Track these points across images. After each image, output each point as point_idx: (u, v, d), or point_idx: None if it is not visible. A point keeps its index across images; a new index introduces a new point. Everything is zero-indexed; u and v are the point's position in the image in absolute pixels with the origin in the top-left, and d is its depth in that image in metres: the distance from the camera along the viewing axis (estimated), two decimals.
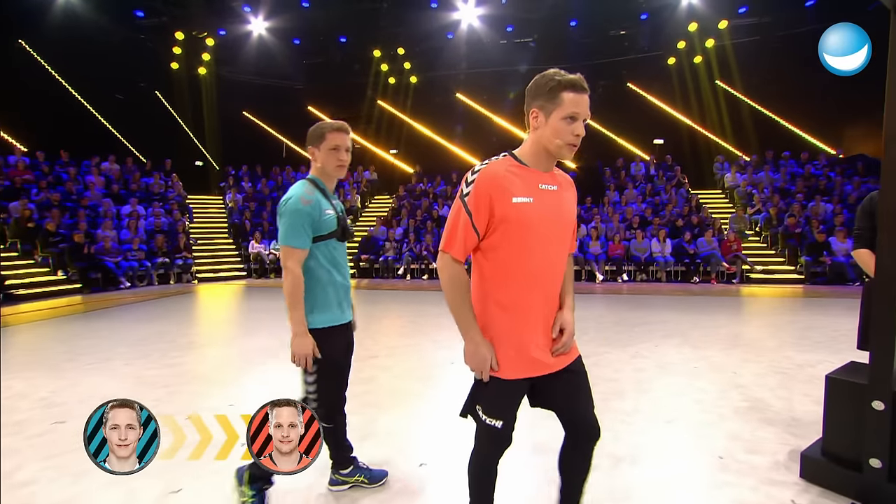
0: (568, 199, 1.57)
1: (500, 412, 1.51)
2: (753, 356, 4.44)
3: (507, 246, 1.46)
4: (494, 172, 1.45)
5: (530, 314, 1.50)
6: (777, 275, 10.63)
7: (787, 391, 3.49)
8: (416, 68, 17.60)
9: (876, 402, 2.04)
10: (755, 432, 2.80)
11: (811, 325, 5.92)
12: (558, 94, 1.42)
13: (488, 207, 1.43)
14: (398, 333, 5.76)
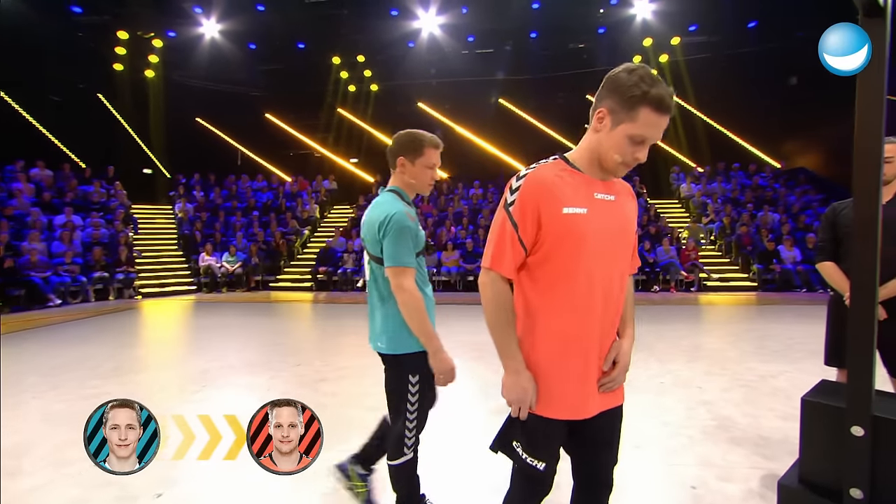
0: (629, 211, 1.36)
1: (542, 453, 1.31)
2: (717, 368, 4.37)
3: (556, 264, 1.26)
4: (543, 177, 1.25)
5: (582, 344, 1.28)
6: (732, 282, 10.90)
7: (752, 406, 3.40)
8: (377, 77, 17.34)
9: (855, 428, 1.90)
10: (726, 456, 2.66)
11: (767, 334, 5.97)
12: (637, 108, 1.20)
13: (536, 218, 1.23)
14: (352, 352, 5.42)
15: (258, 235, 12.46)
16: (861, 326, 1.89)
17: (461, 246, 11.70)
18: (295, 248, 13.22)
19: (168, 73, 15.70)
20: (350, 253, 11.55)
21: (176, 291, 11.11)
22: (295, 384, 4.09)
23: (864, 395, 1.88)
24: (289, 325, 7.53)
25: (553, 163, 1.30)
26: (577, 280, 1.25)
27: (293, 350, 5.50)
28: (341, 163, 17.79)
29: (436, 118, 17.62)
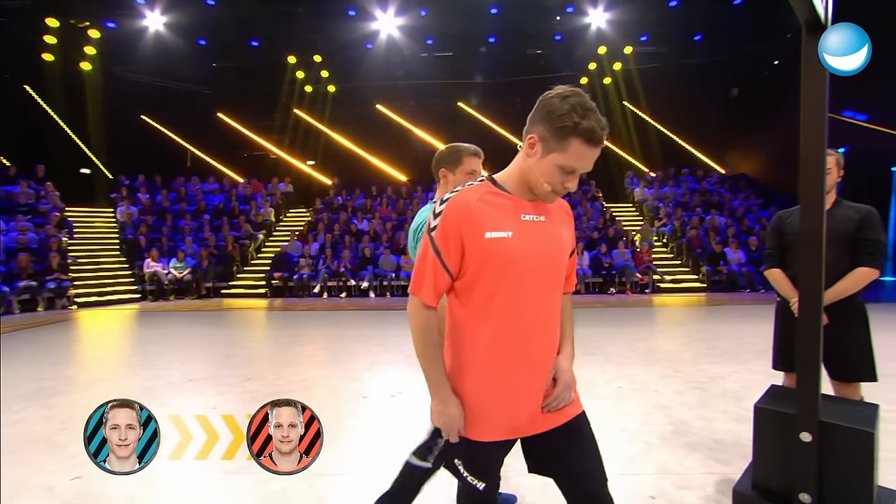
0: (562, 231, 1.33)
1: (480, 473, 1.31)
2: (672, 371, 4.47)
3: (481, 288, 1.24)
4: (464, 202, 1.22)
5: (513, 368, 1.26)
6: (683, 283, 11.33)
7: (706, 409, 3.48)
8: (335, 77, 17.02)
9: (803, 434, 1.94)
10: (683, 462, 2.68)
11: (718, 335, 6.20)
12: (568, 138, 1.18)
13: (458, 244, 1.22)
14: (308, 363, 5.22)
15: (209, 240, 11.92)
16: (808, 337, 1.94)
17: None
18: (249, 253, 12.74)
19: (108, 66, 14.76)
20: (306, 258, 11.23)
21: (117, 300, 10.43)
22: (244, 401, 3.86)
23: (812, 402, 1.92)
24: (241, 335, 7.20)
25: (479, 185, 1.28)
26: (505, 304, 1.23)
27: (244, 362, 5.23)
28: (298, 165, 17.33)
29: (395, 121, 17.47)
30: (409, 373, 4.73)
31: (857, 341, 2.34)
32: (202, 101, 16.71)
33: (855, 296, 2.36)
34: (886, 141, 14.31)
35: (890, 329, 6.43)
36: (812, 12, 1.71)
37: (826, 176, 2.36)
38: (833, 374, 2.40)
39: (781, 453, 2.03)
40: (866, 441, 1.84)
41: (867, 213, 2.33)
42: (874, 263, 2.28)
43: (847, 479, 1.89)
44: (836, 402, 2.19)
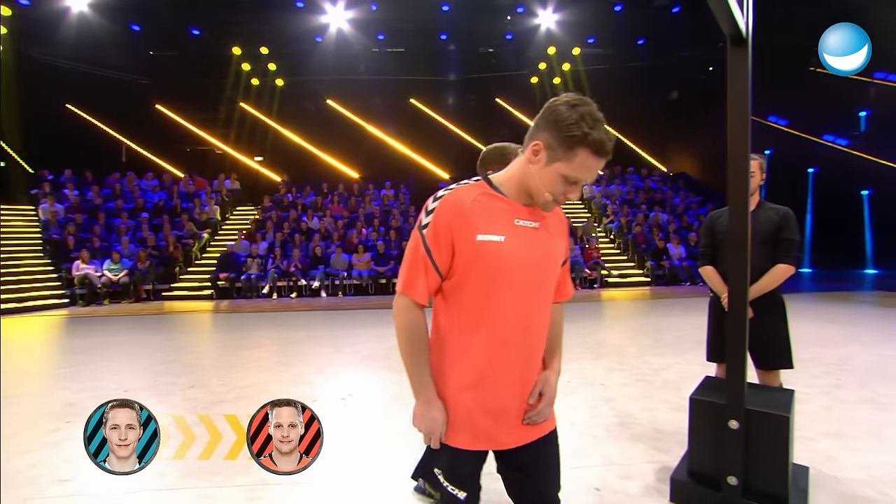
0: (555, 239, 1.31)
1: (461, 482, 1.28)
2: (618, 364, 4.67)
3: (469, 291, 1.21)
4: (459, 201, 1.19)
5: (496, 375, 1.24)
6: (629, 278, 11.84)
7: (649, 401, 3.66)
8: (283, 71, 16.54)
9: (731, 422, 2.08)
10: (626, 452, 2.82)
11: (661, 327, 6.53)
12: (575, 148, 1.15)
13: (449, 243, 1.19)
14: (255, 367, 5.05)
15: (148, 240, 11.28)
16: (735, 332, 2.08)
17: (372, 248, 11.50)
18: (192, 254, 12.16)
19: (23, 48, 13.54)
20: (254, 258, 10.86)
21: (41, 306, 9.68)
22: (185, 409, 3.69)
23: (739, 392, 2.06)
24: (183, 340, 6.87)
25: (475, 185, 1.25)
26: (492, 309, 1.21)
27: (187, 369, 5.00)
28: (245, 161, 16.72)
29: (346, 116, 17.19)
30: (361, 374, 4.70)
31: (776, 333, 2.54)
32: (138, 91, 15.76)
33: (775, 290, 2.56)
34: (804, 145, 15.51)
35: (806, 317, 7.03)
36: (735, 28, 1.83)
37: (753, 179, 2.57)
38: (757, 363, 2.60)
39: (713, 440, 2.18)
40: (783, 425, 2.01)
41: (785, 214, 2.53)
42: (791, 261, 2.48)
43: (767, 460, 2.05)
44: (759, 390, 2.36)
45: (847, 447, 2.83)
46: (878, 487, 2.38)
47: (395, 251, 11.55)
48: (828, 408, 3.49)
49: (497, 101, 18.42)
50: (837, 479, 2.48)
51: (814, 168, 15.71)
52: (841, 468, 2.58)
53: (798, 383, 4.01)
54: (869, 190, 14.72)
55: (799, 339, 2.63)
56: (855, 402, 3.61)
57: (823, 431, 3.05)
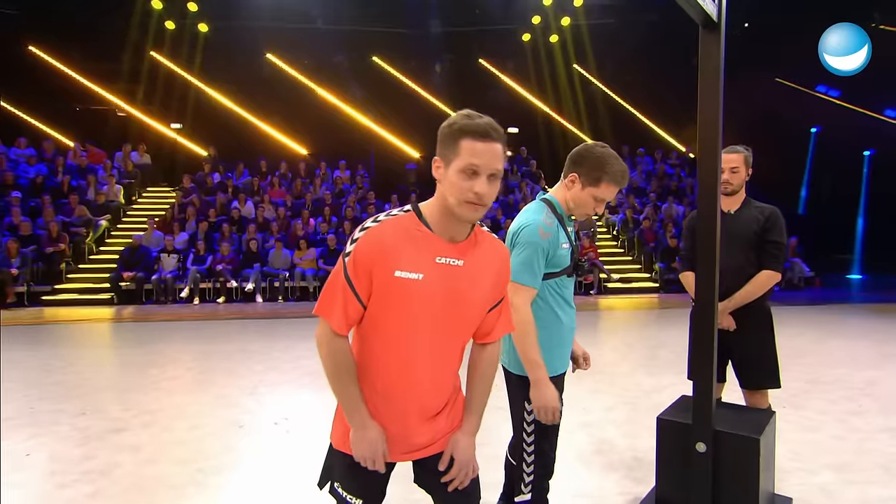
0: (482, 278, 1.56)
1: (359, 491, 1.61)
2: (605, 385, 5.02)
3: (384, 323, 1.50)
4: (381, 236, 1.45)
5: (399, 402, 1.56)
6: (634, 283, 12.31)
7: (632, 426, 3.99)
8: (209, 13, 16.34)
9: (699, 444, 2.39)
10: (600, 483, 3.13)
11: (662, 342, 6.91)
12: (458, 142, 1.42)
13: (368, 275, 1.45)
14: (168, 388, 5.20)
15: (21, 227, 11.14)
16: (702, 345, 2.39)
17: (321, 243, 11.68)
18: (86, 247, 12.09)
19: None
20: (170, 253, 10.91)
21: None
22: (74, 442, 3.83)
23: (706, 411, 2.37)
24: (72, 357, 6.91)
25: (404, 216, 1.51)
26: (402, 341, 1.51)
27: (76, 392, 5.11)
28: (158, 128, 16.59)
29: (291, 76, 17.21)
30: (300, 395, 4.92)
31: (762, 349, 2.88)
32: (1, 25, 14.86)
33: (762, 300, 2.89)
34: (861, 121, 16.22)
35: (837, 332, 7.53)
36: (703, 14, 2.12)
37: (735, 176, 2.90)
38: (741, 382, 2.93)
39: (680, 465, 2.48)
40: (754, 448, 2.32)
41: (771, 214, 2.86)
42: (776, 266, 2.80)
43: (737, 485, 2.36)
44: (734, 411, 2.69)
45: (849, 480, 3.16)
46: None
47: None
48: (839, 437, 3.85)
49: (480, 61, 18.71)
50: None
51: (871, 150, 16.49)
52: (835, 502, 2.92)
53: (813, 409, 4.43)
54: None
55: (824, 358, 2.95)
56: (871, 430, 3.97)
57: (827, 463, 3.40)
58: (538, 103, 18.89)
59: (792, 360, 5.97)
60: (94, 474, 3.30)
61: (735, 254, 2.83)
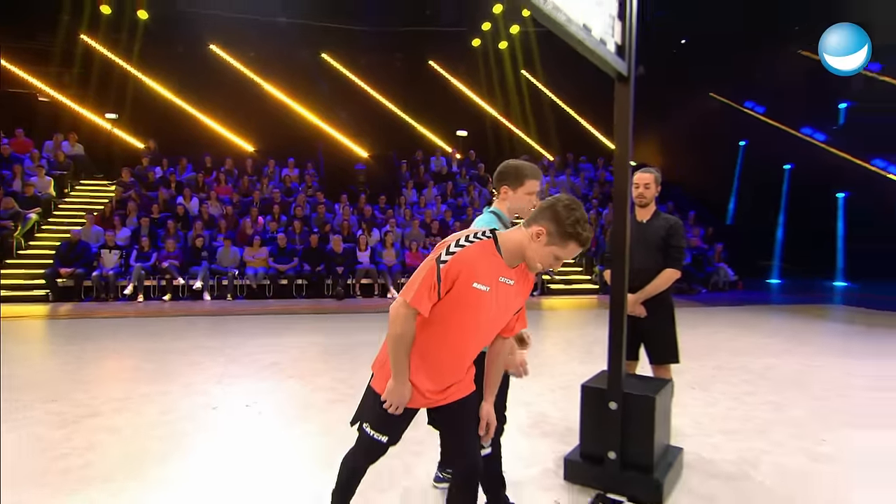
0: (519, 292, 2.27)
1: (388, 429, 2.28)
2: (545, 373, 5.82)
3: (447, 314, 2.12)
4: (470, 257, 2.10)
5: (439, 368, 2.24)
6: (575, 285, 13.30)
7: (565, 403, 4.77)
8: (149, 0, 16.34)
9: (611, 403, 3.16)
10: (535, 447, 3.87)
11: (598, 339, 7.73)
12: (569, 241, 2.11)
13: (452, 282, 2.08)
14: (131, 379, 5.62)
15: None
16: (615, 327, 3.17)
17: (271, 241, 12.04)
18: (14, 241, 11.94)
19: None
20: (111, 249, 11.03)
21: None
22: (52, 425, 4.15)
23: (618, 378, 3.15)
24: (20, 352, 7.08)
25: (486, 242, 2.17)
26: (457, 330, 2.19)
27: (38, 383, 5.41)
28: (91, 118, 16.40)
29: (237, 70, 17.36)
30: (264, 384, 5.45)
31: (665, 331, 3.71)
32: None
33: (666, 294, 3.71)
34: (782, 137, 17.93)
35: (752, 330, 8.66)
36: (615, 70, 2.89)
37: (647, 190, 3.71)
38: (650, 358, 3.75)
39: (598, 422, 3.25)
40: (651, 405, 3.11)
41: (673, 224, 3.69)
42: (677, 266, 3.64)
43: (639, 436, 3.14)
44: (639, 379, 3.49)
45: (731, 439, 4.08)
46: (741, 466, 3.59)
47: (299, 246, 12.17)
48: (732, 409, 4.81)
49: (430, 63, 19.41)
50: (711, 461, 3.67)
51: (791, 164, 18.23)
52: (718, 453, 3.79)
53: (716, 390, 5.40)
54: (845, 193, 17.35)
55: (734, 350, 3.77)
56: (757, 404, 4.96)
57: (719, 429, 4.30)
58: (487, 107, 19.74)
59: (706, 352, 7.01)
60: (80, 450, 3.71)
61: (646, 256, 3.65)
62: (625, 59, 2.97)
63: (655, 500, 3.07)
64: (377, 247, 12.61)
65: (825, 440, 4.12)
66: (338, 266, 11.87)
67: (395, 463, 3.40)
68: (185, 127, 16.75)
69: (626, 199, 3.12)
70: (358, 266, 12.08)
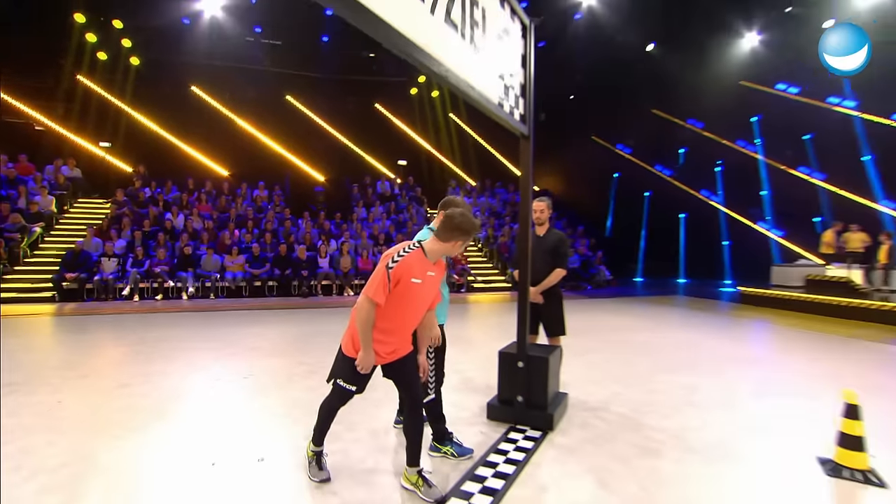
0: (438, 279, 2.74)
1: (356, 382, 2.76)
2: (472, 350, 6.34)
3: (395, 301, 2.58)
4: (410, 263, 2.58)
5: (391, 338, 2.70)
6: (493, 283, 13.98)
7: (487, 371, 5.29)
8: (141, 48, 15.85)
9: (519, 363, 3.71)
10: (464, 400, 4.36)
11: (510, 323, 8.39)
12: (462, 237, 2.63)
13: (397, 279, 2.54)
14: (144, 361, 5.69)
15: None
16: (520, 310, 3.71)
17: (247, 250, 12.01)
18: (20, 250, 11.39)
19: None
20: (110, 257, 10.71)
21: None
22: (96, 391, 4.39)
23: (523, 345, 3.70)
24: (39, 342, 6.96)
25: (417, 251, 2.64)
26: (402, 310, 2.66)
27: (71, 363, 5.46)
28: (87, 146, 15.65)
29: (213, 107, 17.06)
30: (256, 361, 5.67)
31: (556, 314, 4.30)
32: None
33: (557, 287, 4.31)
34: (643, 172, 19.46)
35: (626, 314, 9.53)
36: (519, 131, 3.45)
37: (542, 214, 4.29)
38: (546, 332, 4.33)
39: (510, 376, 3.79)
40: (545, 363, 3.68)
41: (562, 237, 4.30)
42: (563, 266, 4.24)
43: (538, 384, 3.70)
44: (539, 346, 4.06)
45: (599, 386, 4.74)
46: (604, 402, 4.25)
47: (270, 254, 12.19)
48: (600, 367, 5.50)
49: (376, 105, 19.72)
50: (585, 401, 4.30)
51: (649, 192, 19.82)
52: (590, 396, 4.43)
53: (591, 355, 6.05)
54: (685, 214, 19.06)
55: (607, 328, 4.40)
56: (617, 363, 5.73)
57: (591, 380, 4.96)
58: (422, 142, 20.25)
59: (588, 330, 7.76)
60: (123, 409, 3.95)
61: (543, 260, 4.23)
62: (526, 124, 3.53)
63: (549, 427, 3.64)
64: (335, 254, 12.81)
65: (656, 381, 4.90)
66: (302, 270, 11.98)
67: (362, 416, 3.84)
68: (170, 155, 16.27)
69: (528, 220, 3.69)
70: (319, 270, 12.23)
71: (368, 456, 3.24)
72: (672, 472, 3.06)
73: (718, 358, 6.13)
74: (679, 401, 4.40)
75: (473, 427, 3.73)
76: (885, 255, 10.96)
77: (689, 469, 3.11)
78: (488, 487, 2.84)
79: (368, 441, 3.47)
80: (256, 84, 17.23)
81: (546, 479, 2.98)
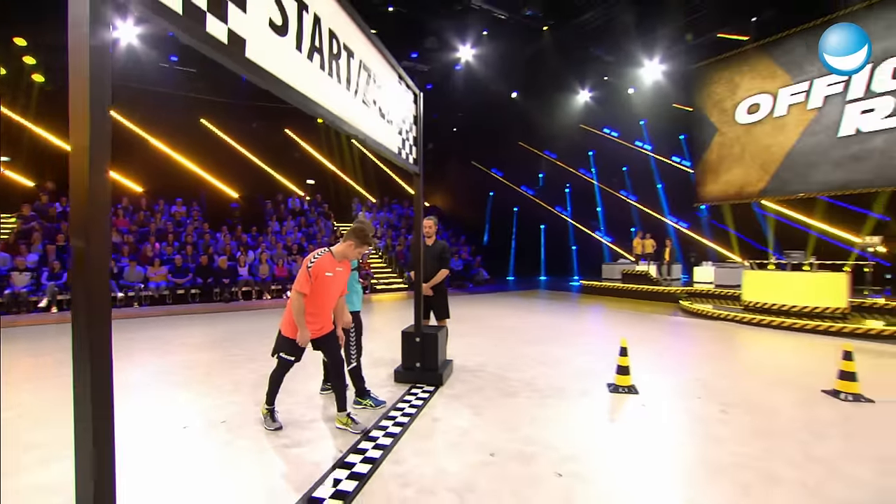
0: (345, 273, 3.36)
1: (294, 353, 3.34)
2: (379, 336, 7.01)
3: (316, 291, 3.22)
4: (323, 262, 3.20)
5: (317, 319, 3.29)
6: (392, 285, 14.67)
7: (393, 351, 6.01)
8: (45, 66, 14.16)
9: (416, 338, 4.51)
10: (376, 371, 5.07)
11: (408, 316, 9.20)
12: (363, 244, 3.24)
13: (316, 275, 3.16)
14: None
15: None
16: (416, 301, 4.53)
17: (169, 261, 11.48)
18: None
19: None
20: (22, 271, 9.66)
21: None
22: None
23: (419, 326, 4.51)
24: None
25: (328, 254, 3.28)
26: (321, 298, 3.30)
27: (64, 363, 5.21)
28: None
29: (125, 126, 15.77)
30: (194, 356, 5.83)
31: (442, 303, 5.15)
32: None
33: (442, 284, 5.17)
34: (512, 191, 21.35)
35: (499, 305, 10.75)
36: (413, 171, 4.27)
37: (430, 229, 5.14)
38: (436, 316, 5.18)
39: (410, 348, 4.58)
40: (435, 339, 4.52)
41: (444, 245, 5.17)
42: (447, 266, 5.12)
43: (430, 354, 4.54)
44: (431, 326, 4.91)
45: (476, 355, 5.72)
46: (480, 366, 5.21)
47: (192, 265, 11.73)
48: (478, 343, 6.49)
49: (286, 130, 19.46)
50: (465, 365, 5.23)
51: (517, 207, 21.83)
52: (469, 362, 5.37)
53: (471, 335, 6.99)
54: (544, 225, 21.33)
55: (484, 315, 5.30)
56: (490, 339, 6.74)
57: (471, 353, 5.91)
58: (328, 163, 20.34)
59: (469, 317, 8.80)
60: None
61: (431, 263, 5.07)
62: (417, 165, 4.36)
63: (439, 383, 4.49)
64: (255, 263, 12.66)
65: (518, 351, 6.00)
66: (224, 279, 11.71)
67: (300, 385, 4.38)
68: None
69: (420, 233, 4.52)
70: (239, 278, 12.03)
71: (308, 412, 3.83)
72: (523, 404, 4.06)
73: (564, 333, 7.47)
74: (534, 361, 5.49)
75: (385, 388, 4.47)
76: (668, 254, 13.60)
77: (534, 402, 4.13)
78: (399, 422, 3.61)
79: (306, 403, 4.05)
80: (171, 107, 16.15)
81: (438, 414, 3.81)
